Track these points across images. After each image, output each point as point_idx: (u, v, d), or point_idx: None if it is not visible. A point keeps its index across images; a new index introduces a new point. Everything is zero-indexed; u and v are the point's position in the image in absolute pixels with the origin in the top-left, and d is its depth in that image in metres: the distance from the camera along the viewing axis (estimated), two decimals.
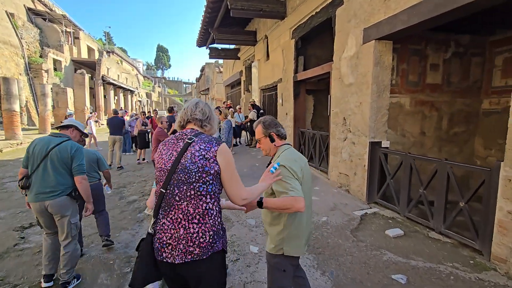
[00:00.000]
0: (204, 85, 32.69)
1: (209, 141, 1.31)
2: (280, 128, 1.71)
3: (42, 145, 2.35)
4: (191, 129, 1.39)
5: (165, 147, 1.37)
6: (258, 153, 8.16)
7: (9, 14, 16.51)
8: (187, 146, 1.28)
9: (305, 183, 1.61)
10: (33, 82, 16.98)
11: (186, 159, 1.26)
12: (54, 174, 2.33)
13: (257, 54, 10.04)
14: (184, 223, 1.24)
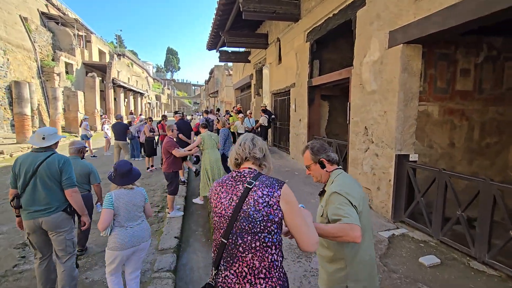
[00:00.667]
0: (213, 88, 32.64)
1: (271, 184, 1.19)
2: (330, 152, 1.58)
3: (29, 163, 2.27)
4: (249, 169, 1.27)
5: (223, 189, 1.25)
6: None
7: (23, 18, 16.74)
8: (248, 191, 1.18)
9: (364, 212, 1.45)
10: (45, 85, 17.16)
11: (249, 206, 1.15)
12: (45, 191, 2.26)
13: (269, 57, 9.77)
14: (250, 278, 1.15)
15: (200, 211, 5.07)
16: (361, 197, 1.46)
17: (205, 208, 5.14)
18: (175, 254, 3.32)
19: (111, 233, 2.16)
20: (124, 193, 2.22)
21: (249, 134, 1.39)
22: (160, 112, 48.42)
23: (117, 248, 2.13)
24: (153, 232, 3.93)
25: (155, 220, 4.37)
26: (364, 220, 1.44)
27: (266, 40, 9.75)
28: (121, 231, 2.16)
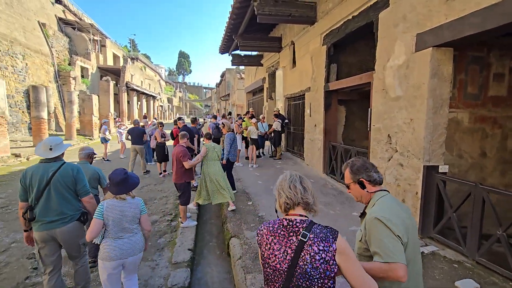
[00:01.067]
0: (225, 91, 32.71)
1: (326, 238, 1.12)
2: (373, 172, 1.43)
3: (41, 174, 2.25)
4: (300, 217, 1.19)
5: (276, 240, 1.17)
6: (283, 165, 7.67)
7: (41, 24, 17.22)
8: (302, 245, 1.12)
9: (411, 242, 1.30)
10: (61, 89, 17.56)
11: (306, 262, 1.10)
12: (60, 201, 2.27)
13: (282, 61, 9.60)
14: None
15: (213, 219, 4.93)
16: (407, 225, 1.30)
17: (218, 217, 4.99)
18: (189, 268, 3.17)
19: (101, 243, 2.13)
20: (115, 204, 2.15)
21: (295, 173, 1.28)
22: (172, 115, 48.99)
23: (104, 258, 2.10)
24: (166, 243, 3.81)
25: (167, 229, 4.24)
26: (411, 251, 1.29)
27: (280, 43, 9.60)
28: (108, 242, 2.12)
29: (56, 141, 2.35)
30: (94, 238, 2.09)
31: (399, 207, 1.36)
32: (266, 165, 7.78)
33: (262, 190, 5.58)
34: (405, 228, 1.27)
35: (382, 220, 1.24)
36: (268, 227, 1.20)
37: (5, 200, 5.25)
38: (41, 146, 2.34)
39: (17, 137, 13.02)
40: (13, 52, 13.90)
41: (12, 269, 2.98)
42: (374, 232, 1.26)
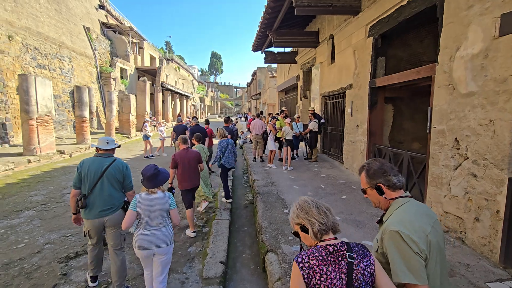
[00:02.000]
0: (256, 90, 32.54)
1: (364, 253, 1.16)
2: (392, 176, 1.29)
3: (96, 166, 2.60)
4: (335, 240, 1.18)
5: (330, 268, 1.12)
6: (320, 169, 7.12)
7: (86, 28, 18.32)
8: (352, 266, 1.12)
9: (433, 256, 1.18)
10: (103, 89, 18.55)
11: (359, 281, 1.11)
12: (111, 192, 2.62)
13: (319, 56, 9.00)
14: None
15: (246, 227, 4.58)
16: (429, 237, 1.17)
17: (252, 224, 4.64)
18: (221, 286, 2.84)
19: (134, 232, 2.32)
20: (146, 197, 2.31)
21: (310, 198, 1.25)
22: (204, 114, 50.11)
23: (136, 246, 2.31)
24: (196, 252, 3.53)
25: (199, 237, 3.98)
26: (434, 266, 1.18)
27: (317, 38, 9.01)
28: (138, 232, 2.31)
29: (111, 139, 2.80)
30: (129, 228, 2.29)
31: (420, 216, 1.22)
32: (301, 168, 7.29)
33: (298, 196, 5.09)
34: (426, 240, 1.16)
35: (401, 235, 1.14)
36: (316, 257, 1.12)
37: (45, 197, 5.39)
38: (101, 140, 2.76)
39: (63, 134, 13.91)
40: (61, 55, 14.87)
41: (42, 274, 2.88)
42: (392, 248, 1.16)
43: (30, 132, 8.95)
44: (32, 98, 8.93)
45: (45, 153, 9.31)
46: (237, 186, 6.65)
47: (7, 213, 4.53)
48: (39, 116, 9.18)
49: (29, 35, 12.61)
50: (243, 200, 5.82)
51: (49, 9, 14.66)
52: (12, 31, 11.62)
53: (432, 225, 1.22)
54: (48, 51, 13.88)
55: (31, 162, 8.52)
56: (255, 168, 7.43)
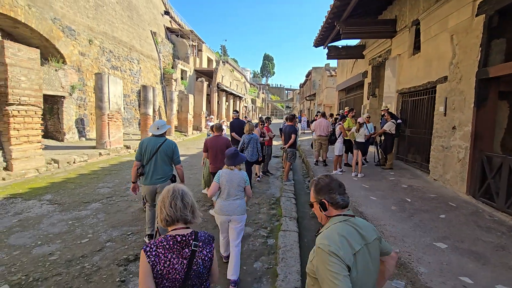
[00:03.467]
0: (310, 91, 31.35)
1: (209, 242, 1.38)
2: (337, 194, 1.28)
3: (152, 144, 3.25)
4: (186, 230, 1.33)
5: (174, 255, 1.26)
6: (399, 178, 6.01)
7: (153, 33, 19.65)
8: (194, 253, 1.31)
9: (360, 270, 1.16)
10: (165, 89, 19.65)
11: (199, 265, 1.31)
12: (162, 164, 3.27)
13: (396, 48, 7.80)
14: None
15: None
16: (357, 256, 1.16)
17: None
18: None
19: (216, 200, 2.83)
20: (227, 173, 2.78)
21: (178, 188, 1.35)
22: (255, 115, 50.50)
23: (216, 212, 2.79)
24: (264, 270, 2.97)
25: (264, 249, 3.42)
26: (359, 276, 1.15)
27: (394, 26, 7.83)
28: (219, 201, 2.79)
29: (161, 123, 3.38)
30: (213, 196, 2.89)
31: (354, 235, 1.20)
32: (374, 176, 6.26)
33: (380, 210, 4.23)
34: (352, 260, 1.14)
35: (322, 248, 1.15)
36: (164, 246, 1.23)
37: (111, 190, 5.47)
38: (153, 126, 3.35)
39: (129, 130, 14.96)
40: (131, 57, 16.08)
41: (101, 278, 2.63)
42: (318, 263, 1.16)
43: (102, 127, 9.62)
44: (105, 95, 9.59)
45: (114, 147, 9.92)
46: (299, 192, 5.97)
47: (77, 204, 4.62)
48: (110, 112, 9.83)
49: (105, 39, 13.85)
50: (307, 208, 5.12)
51: (123, 15, 15.99)
52: (92, 35, 12.84)
53: (365, 245, 1.22)
54: (121, 53, 15.10)
55: (102, 155, 9.10)
56: (318, 172, 6.65)
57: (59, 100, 10.70)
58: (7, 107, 6.24)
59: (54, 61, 10.59)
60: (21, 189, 5.32)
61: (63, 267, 2.80)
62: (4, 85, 6.15)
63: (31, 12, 9.62)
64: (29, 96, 6.63)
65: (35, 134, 6.87)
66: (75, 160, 7.93)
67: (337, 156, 6.45)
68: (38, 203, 4.55)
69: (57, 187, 5.54)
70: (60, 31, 10.87)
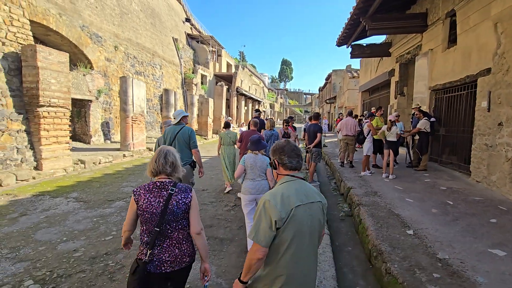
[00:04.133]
0: (330, 94, 30.75)
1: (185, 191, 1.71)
2: (286, 157, 1.43)
3: (172, 131, 3.64)
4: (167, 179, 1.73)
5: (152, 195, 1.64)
6: (435, 180, 5.54)
7: (174, 39, 20.13)
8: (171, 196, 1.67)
9: (291, 229, 1.28)
10: (186, 94, 19.98)
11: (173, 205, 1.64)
12: (181, 149, 3.54)
13: (428, 42, 7.34)
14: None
15: (349, 246, 3.58)
16: (294, 211, 1.28)
17: (356, 244, 3.61)
18: None
19: (242, 182, 3.17)
20: (251, 156, 3.09)
21: (164, 149, 1.72)
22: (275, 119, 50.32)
23: (243, 192, 3.12)
24: None
25: None
26: (289, 238, 1.28)
27: (424, 20, 7.38)
28: (245, 182, 3.14)
29: (177, 113, 3.75)
30: (239, 178, 3.21)
31: (298, 194, 1.34)
32: (407, 178, 5.83)
33: (419, 213, 3.85)
34: (288, 214, 1.27)
35: (266, 203, 1.29)
36: (144, 188, 1.62)
37: None
38: (172, 115, 3.91)
39: (152, 134, 15.24)
40: (154, 62, 16.49)
41: (124, 277, 2.51)
42: (257, 211, 1.32)
43: (126, 129, 9.81)
44: (129, 98, 9.79)
45: (137, 149, 10.08)
46: (325, 194, 5.66)
47: (102, 202, 4.61)
48: (134, 115, 10.02)
49: (130, 45, 14.29)
50: (336, 210, 4.82)
51: (146, 22, 16.49)
52: (118, 42, 13.29)
53: (306, 203, 1.33)
54: (144, 59, 15.52)
55: (126, 157, 9.26)
56: (345, 174, 6.30)
57: (87, 104, 11.09)
58: (38, 109, 6.47)
59: (82, 66, 11.02)
60: (49, 187, 5.43)
61: (87, 264, 2.72)
62: (36, 87, 6.39)
63: (61, 20, 10.09)
64: (59, 98, 6.85)
65: (63, 135, 7.08)
66: (100, 161, 8.09)
67: (366, 156, 6.09)
68: (64, 201, 4.60)
69: (83, 185, 5.61)
70: (88, 38, 11.32)
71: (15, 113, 6.34)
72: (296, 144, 1.50)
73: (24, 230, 3.43)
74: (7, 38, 6.45)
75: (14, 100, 6.37)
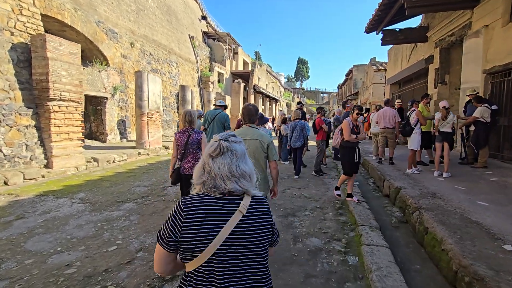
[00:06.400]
0: (351, 90, 29.42)
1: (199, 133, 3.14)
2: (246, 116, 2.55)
3: (212, 113, 4.72)
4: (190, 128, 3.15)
5: (181, 134, 3.13)
6: (503, 179, 4.54)
7: (190, 37, 19.76)
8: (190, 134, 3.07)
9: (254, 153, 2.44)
10: (202, 92, 19.54)
11: (192, 139, 3.06)
12: (218, 128, 4.58)
13: (481, 19, 6.29)
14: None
15: (416, 263, 2.74)
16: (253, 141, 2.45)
17: (424, 259, 2.77)
18: None
19: None
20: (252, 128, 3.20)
21: (188, 110, 3.12)
22: None
23: None
24: None
25: (346, 272, 2.40)
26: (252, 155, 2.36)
27: None
28: None
29: (220, 100, 5.06)
30: None
31: (245, 132, 2.48)
32: (466, 176, 4.85)
33: (504, 220, 2.95)
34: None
35: None
36: (179, 132, 3.05)
37: (147, 189, 4.86)
38: (216, 101, 5.20)
39: (168, 133, 14.85)
40: (170, 60, 16.13)
41: None
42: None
43: (141, 126, 9.35)
44: (144, 94, 9.33)
45: (153, 147, 9.60)
46: (367, 195, 4.81)
47: (109, 204, 4.03)
48: (149, 112, 9.55)
49: (146, 42, 13.96)
50: (385, 215, 3.97)
51: (162, 19, 16.17)
52: (134, 38, 12.97)
53: (251, 139, 2.43)
54: (160, 56, 15.17)
55: (141, 155, 8.78)
56: (387, 172, 5.41)
57: (102, 101, 10.78)
58: (48, 103, 6.05)
59: (98, 62, 10.72)
60: (56, 186, 4.95)
61: (79, 285, 2.08)
62: (46, 79, 5.98)
63: (77, 15, 9.81)
64: (70, 91, 6.42)
65: (75, 131, 6.65)
66: (115, 159, 7.63)
67: (414, 151, 5.17)
68: (69, 202, 4.05)
69: (91, 185, 5.09)
70: (103, 34, 11.02)
71: (24, 107, 5.95)
72: (252, 108, 2.56)
73: (15, 237, 2.88)
74: (16, 28, 6.08)
75: (23, 93, 5.99)
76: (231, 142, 1.01)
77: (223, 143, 0.99)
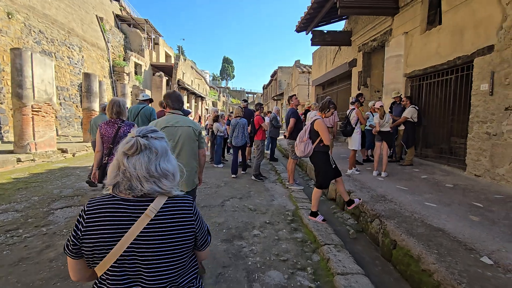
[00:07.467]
0: (275, 91, 30.42)
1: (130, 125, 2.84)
2: (170, 101, 2.33)
3: (135, 109, 4.31)
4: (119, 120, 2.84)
5: (108, 126, 2.79)
6: (431, 176, 4.77)
7: (99, 18, 16.66)
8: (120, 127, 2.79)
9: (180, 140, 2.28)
10: (115, 84, 16.74)
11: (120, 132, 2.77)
12: (142, 124, 4.15)
13: (401, 26, 6.76)
14: None
15: (377, 260, 2.28)
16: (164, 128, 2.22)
17: (399, 281, 2.35)
18: None
19: None
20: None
21: (114, 99, 2.80)
22: None
23: None
24: None
25: None
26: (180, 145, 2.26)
27: (396, 2, 6.79)
28: None
29: (144, 94, 4.69)
30: None
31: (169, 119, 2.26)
32: (400, 175, 4.96)
33: (462, 223, 2.82)
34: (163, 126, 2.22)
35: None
36: (105, 125, 2.73)
37: (20, 216, 3.25)
38: (140, 94, 4.76)
39: (69, 132, 11.99)
40: (70, 42, 13.10)
41: None
42: None
43: (23, 123, 6.95)
44: (27, 80, 6.95)
45: (43, 151, 7.30)
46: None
47: None
48: (35, 104, 7.20)
49: (33, 16, 10.84)
50: (338, 224, 3.55)
51: None
52: (13, 8, 9.83)
53: (176, 126, 2.25)
54: (55, 36, 12.10)
55: (22, 162, 6.49)
56: None
57: None
58: None
59: None
60: None
61: None
62: None
63: None
64: None
65: None
66: None
67: (354, 151, 5.04)
68: None
69: None
70: None
71: None
72: (179, 93, 2.42)
73: None
74: None
75: None
76: (151, 139, 0.88)
77: (141, 140, 0.86)
